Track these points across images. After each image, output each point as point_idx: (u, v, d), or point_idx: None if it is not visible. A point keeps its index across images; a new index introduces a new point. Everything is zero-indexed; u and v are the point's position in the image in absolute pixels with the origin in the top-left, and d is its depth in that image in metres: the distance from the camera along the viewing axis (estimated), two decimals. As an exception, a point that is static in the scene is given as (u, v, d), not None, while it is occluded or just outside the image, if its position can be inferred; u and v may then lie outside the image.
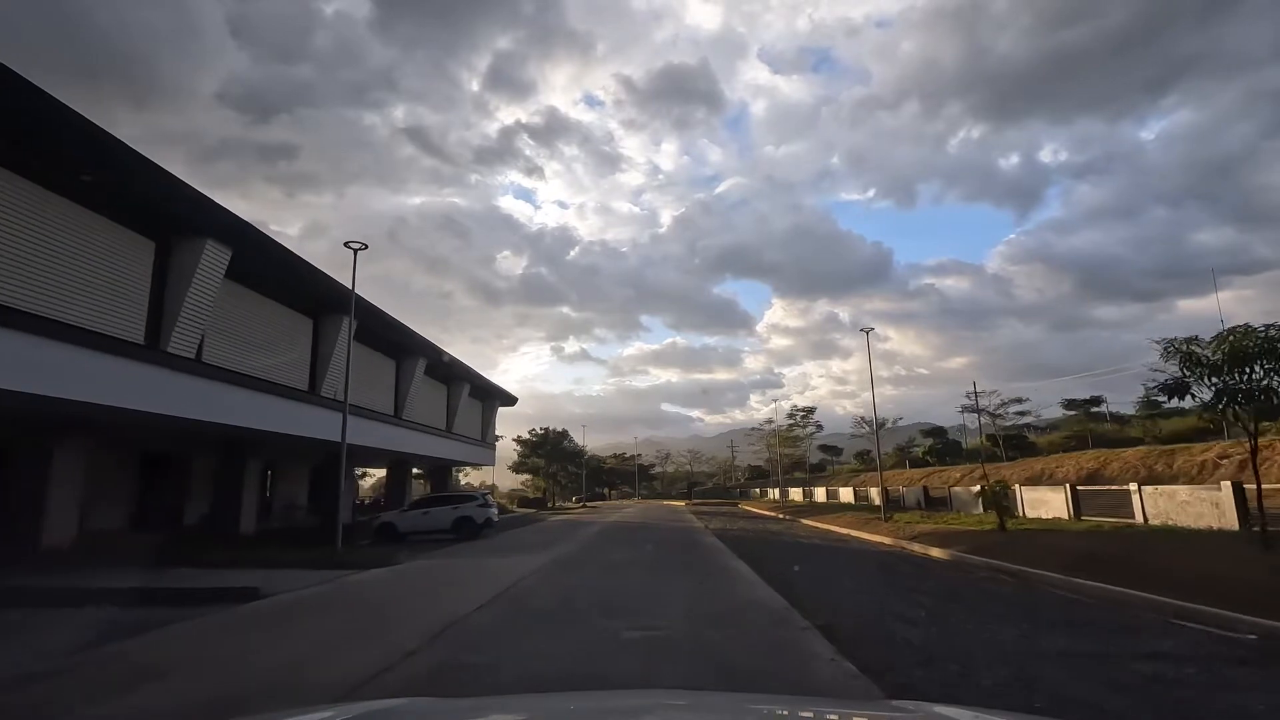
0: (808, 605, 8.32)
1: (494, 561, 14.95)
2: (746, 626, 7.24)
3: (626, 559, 14.52)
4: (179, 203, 13.92)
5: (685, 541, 19.74)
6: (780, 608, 8.28)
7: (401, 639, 6.67)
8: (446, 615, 7.96)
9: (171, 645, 6.89)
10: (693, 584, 10.57)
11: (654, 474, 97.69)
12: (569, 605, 8.69)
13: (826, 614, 7.78)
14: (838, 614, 7.87)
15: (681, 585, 10.42)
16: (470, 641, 6.61)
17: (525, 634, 6.97)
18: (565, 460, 67.15)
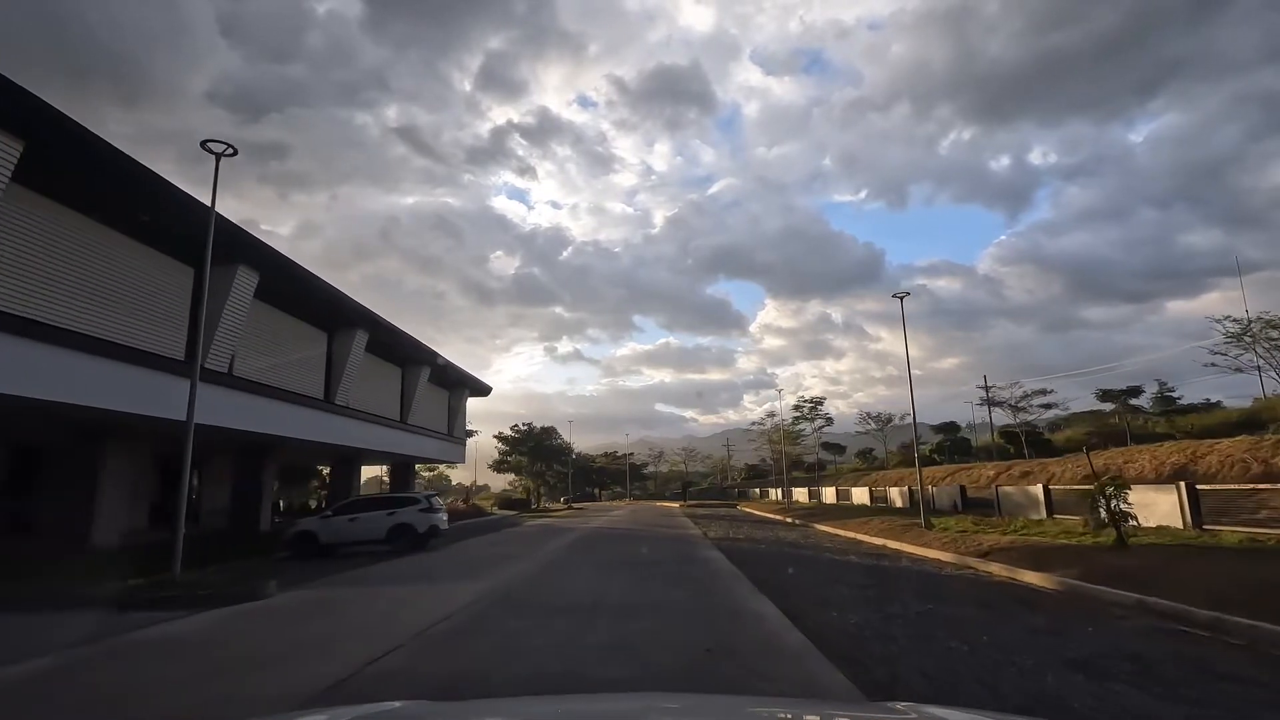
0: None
1: (407, 593, 10.39)
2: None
3: (593, 591, 9.94)
4: (216, 234, 13.01)
5: (680, 556, 15.24)
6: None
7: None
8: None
9: None
10: (694, 654, 6.01)
11: (647, 474, 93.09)
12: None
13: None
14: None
15: (674, 656, 5.89)
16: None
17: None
18: (550, 458, 62.45)
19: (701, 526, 26.33)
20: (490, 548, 18.68)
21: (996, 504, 21.87)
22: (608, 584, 10.79)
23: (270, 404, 19.29)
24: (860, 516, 25.66)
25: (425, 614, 8.25)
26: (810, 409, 38.72)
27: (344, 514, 17.95)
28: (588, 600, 9.03)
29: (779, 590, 9.76)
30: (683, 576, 11.55)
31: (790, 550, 16.59)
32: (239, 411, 17.81)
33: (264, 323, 19.54)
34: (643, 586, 10.43)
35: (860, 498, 36.85)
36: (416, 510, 18.03)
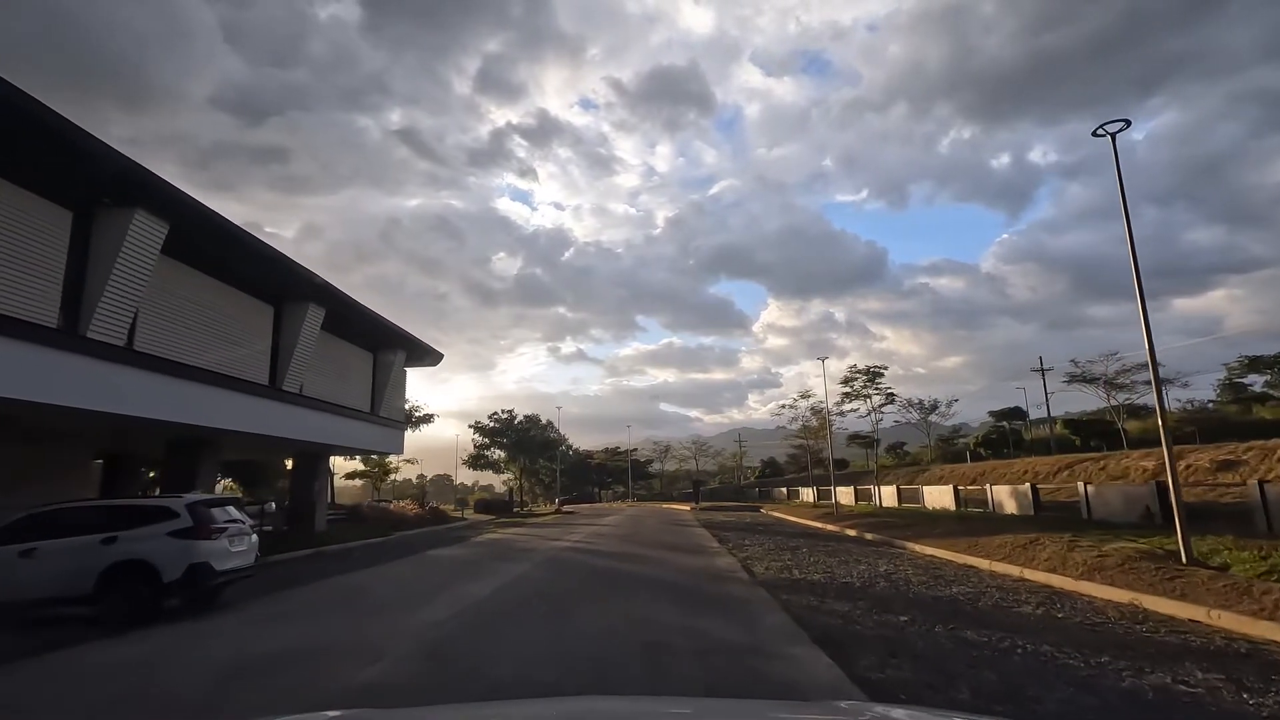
0: None
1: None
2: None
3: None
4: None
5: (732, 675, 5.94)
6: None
7: None
8: None
9: None
10: None
11: (652, 472, 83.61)
12: None
13: None
14: None
15: None
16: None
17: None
18: (536, 452, 53.13)
19: (730, 546, 17.01)
20: (345, 599, 9.45)
21: (1267, 512, 12.46)
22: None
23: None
24: (969, 532, 16.39)
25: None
26: (865, 382, 29.13)
27: (13, 540, 8.73)
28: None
29: None
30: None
31: (989, 634, 7.24)
32: None
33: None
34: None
35: (938, 499, 27.44)
36: (166, 534, 8.79)
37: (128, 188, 12.20)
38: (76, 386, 11.50)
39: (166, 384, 13.70)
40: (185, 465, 17.28)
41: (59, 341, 11.33)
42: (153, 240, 12.90)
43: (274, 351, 18.27)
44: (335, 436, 20.97)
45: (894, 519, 23.75)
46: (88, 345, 11.89)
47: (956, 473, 36.07)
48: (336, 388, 21.72)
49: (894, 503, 31.82)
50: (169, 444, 17.33)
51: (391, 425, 25.83)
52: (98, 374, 11.97)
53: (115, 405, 12.30)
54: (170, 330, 14.49)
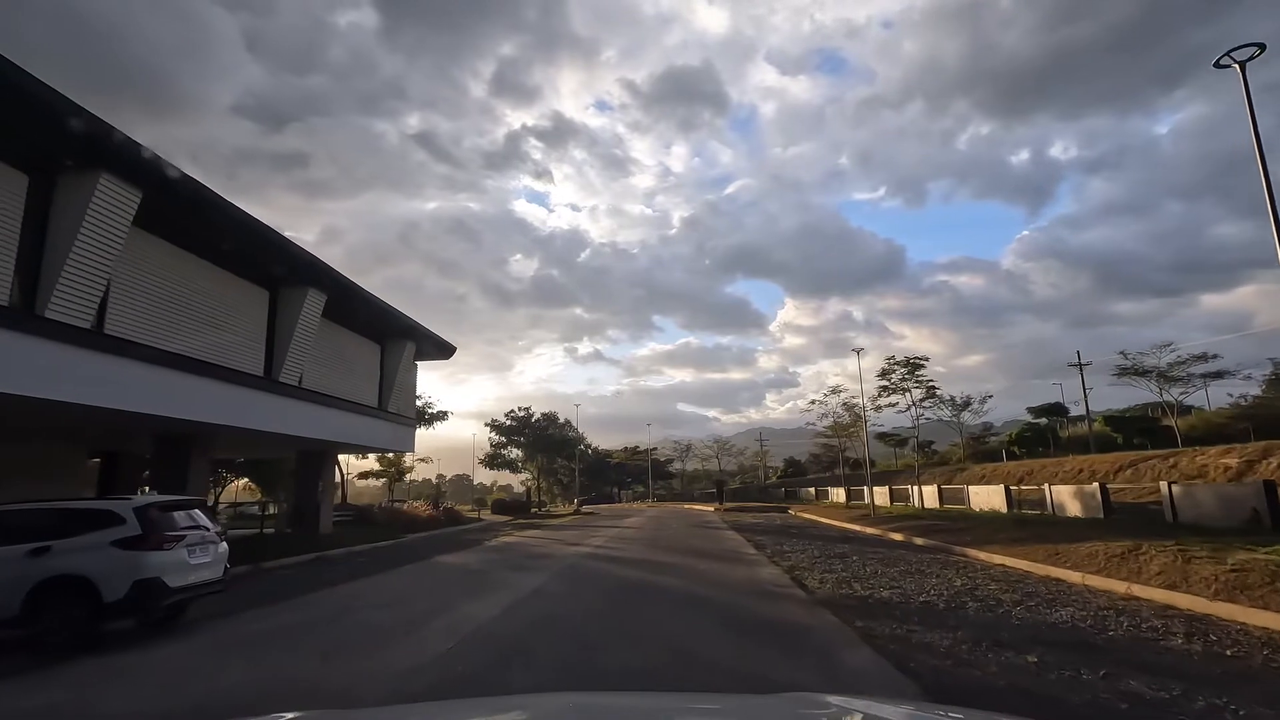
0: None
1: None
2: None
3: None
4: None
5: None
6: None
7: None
8: None
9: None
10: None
11: (672, 471, 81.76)
12: None
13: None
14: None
15: None
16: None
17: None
18: (554, 451, 51.53)
19: (770, 553, 15.24)
20: (306, 624, 7.85)
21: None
22: None
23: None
24: (1039, 538, 14.54)
25: None
26: (905, 374, 27.15)
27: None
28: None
29: None
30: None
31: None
32: None
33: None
34: None
35: (985, 500, 25.42)
36: (109, 544, 7.26)
37: (92, 148, 10.77)
38: (29, 372, 10.07)
39: (142, 371, 12.26)
40: (175, 463, 15.89)
41: (9, 320, 9.92)
42: (121, 209, 11.44)
43: (269, 340, 16.82)
44: (338, 433, 19.51)
45: (940, 521, 21.81)
46: (45, 326, 10.47)
47: (1000, 472, 33.93)
48: (340, 381, 20.28)
49: (935, 503, 29.79)
50: (157, 440, 15.96)
51: (401, 422, 24.38)
52: (56, 358, 10.54)
53: (77, 394, 10.85)
54: (148, 314, 13.04)
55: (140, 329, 12.70)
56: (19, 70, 9.38)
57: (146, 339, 12.70)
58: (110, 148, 10.90)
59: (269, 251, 15.33)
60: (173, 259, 13.76)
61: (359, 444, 22.02)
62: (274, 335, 16.94)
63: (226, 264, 15.09)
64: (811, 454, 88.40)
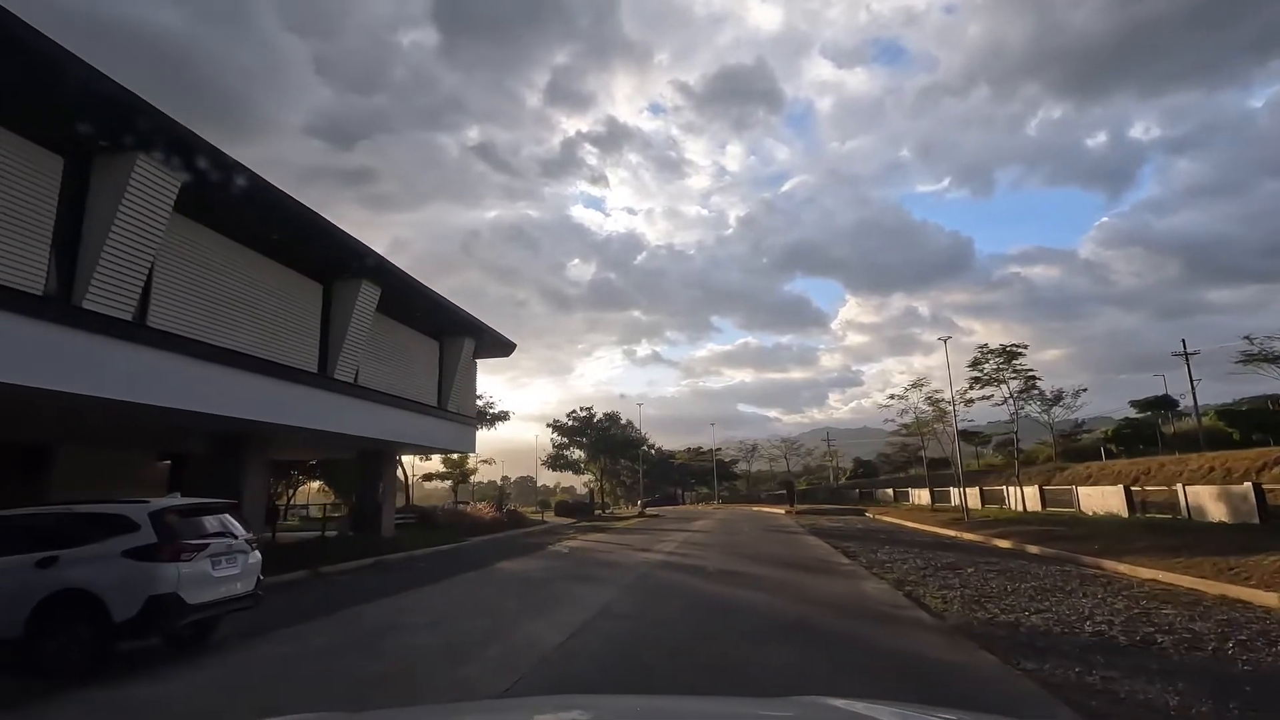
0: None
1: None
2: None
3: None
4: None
5: None
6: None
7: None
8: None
9: None
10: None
11: (737, 472, 79.56)
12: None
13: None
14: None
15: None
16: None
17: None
18: (617, 451, 50.44)
19: (865, 563, 13.45)
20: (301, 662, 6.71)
21: None
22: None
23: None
24: (1189, 548, 12.34)
25: None
26: (1000, 364, 24.55)
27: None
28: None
29: None
30: None
31: None
32: None
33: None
34: None
35: (1099, 503, 22.72)
36: (120, 554, 6.30)
37: (128, 128, 10.09)
38: (63, 365, 9.41)
39: (187, 367, 11.57)
40: (230, 464, 15.35)
41: (42, 310, 9.29)
42: (161, 193, 10.76)
43: (323, 335, 16.16)
44: (396, 432, 18.76)
45: (1051, 526, 19.41)
46: (82, 317, 9.83)
47: (1108, 471, 30.70)
48: (397, 379, 19.56)
49: (1036, 506, 27.06)
50: (212, 440, 15.48)
51: (461, 421, 23.61)
52: (93, 351, 9.88)
53: (115, 390, 10.18)
54: (195, 307, 12.41)
55: (186, 322, 12.06)
56: (49, 41, 8.69)
57: (193, 333, 12.05)
58: (148, 128, 10.19)
59: (320, 241, 14.59)
60: (220, 249, 13.15)
61: (417, 444, 21.30)
62: (328, 330, 16.27)
63: (277, 255, 14.44)
64: (882, 454, 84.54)
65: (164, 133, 10.46)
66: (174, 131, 10.56)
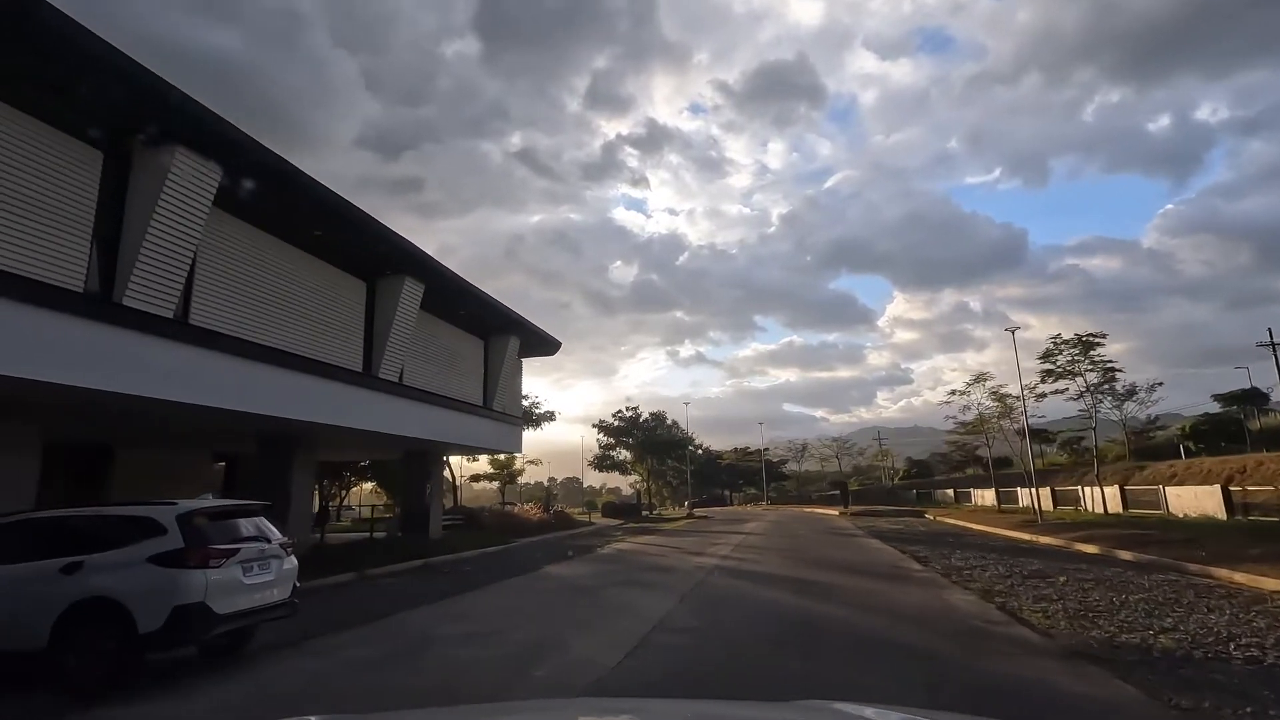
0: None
1: None
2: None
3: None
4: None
5: None
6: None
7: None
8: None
9: None
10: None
11: (786, 472, 77.83)
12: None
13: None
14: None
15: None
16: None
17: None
18: (664, 452, 49.68)
19: (940, 569, 12.36)
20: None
21: None
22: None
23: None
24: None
25: None
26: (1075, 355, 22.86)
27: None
28: None
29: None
30: None
31: None
32: None
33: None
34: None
35: (1190, 504, 20.93)
36: (146, 559, 5.87)
37: (166, 120, 9.85)
38: (103, 363, 9.19)
39: (230, 365, 11.32)
40: (276, 465, 15.20)
41: (82, 308, 9.09)
42: (200, 187, 10.50)
43: (367, 333, 15.89)
44: (442, 432, 18.42)
45: (1140, 530, 17.84)
46: (122, 314, 9.62)
47: (1196, 470, 28.49)
48: (442, 378, 19.24)
49: (1117, 508, 25.22)
50: (259, 441, 15.35)
51: (507, 421, 23.23)
52: (134, 349, 9.66)
53: (157, 389, 9.95)
54: (237, 304, 12.18)
55: (228, 320, 11.83)
56: (86, 32, 8.45)
57: (235, 331, 11.82)
58: (186, 119, 9.94)
59: (362, 237, 14.27)
60: (262, 245, 12.92)
61: (462, 443, 20.95)
62: (372, 328, 16.00)
63: (319, 251, 14.18)
64: (937, 453, 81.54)
65: (203, 125, 10.19)
66: (213, 124, 10.28)
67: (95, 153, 9.73)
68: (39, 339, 8.45)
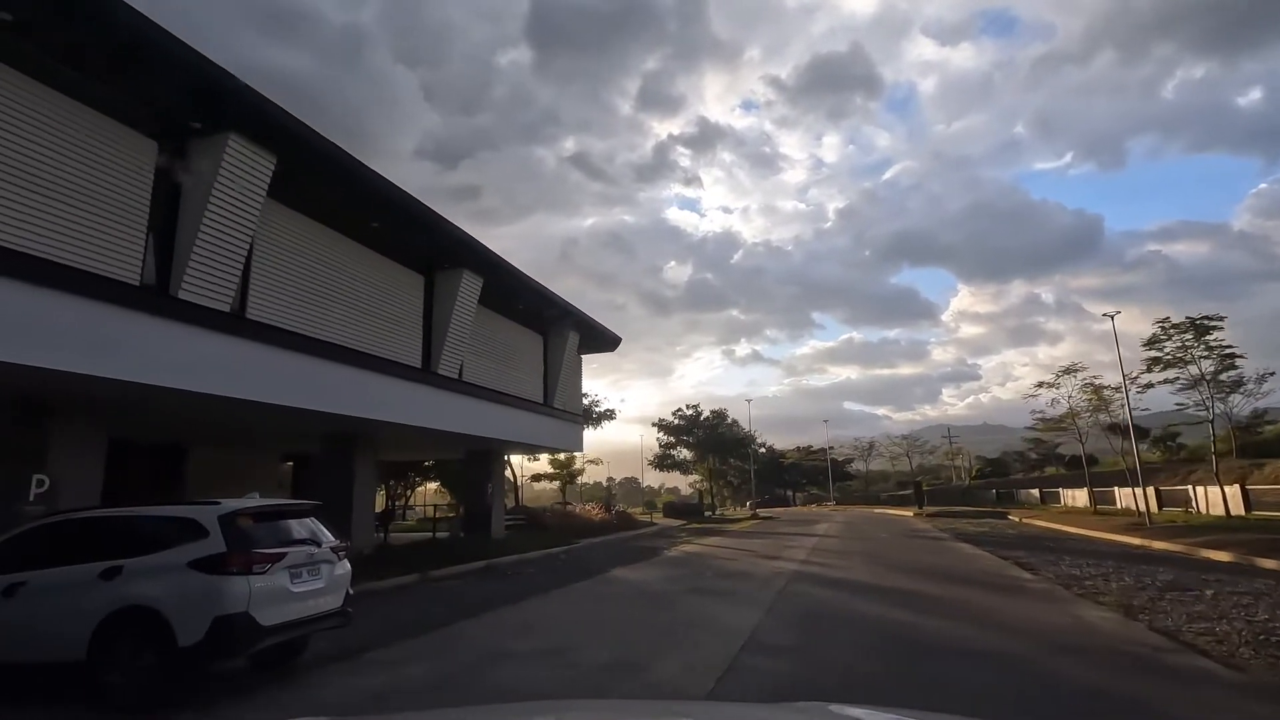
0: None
1: None
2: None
3: None
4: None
5: None
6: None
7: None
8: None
9: None
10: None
11: (851, 471, 75.21)
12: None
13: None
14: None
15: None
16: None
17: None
18: (725, 450, 48.41)
19: (1058, 579, 10.94)
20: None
21: None
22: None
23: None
24: None
25: None
26: (1185, 343, 20.61)
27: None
28: None
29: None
30: None
31: None
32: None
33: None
34: None
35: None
36: (186, 564, 5.31)
37: (219, 106, 9.52)
38: (158, 359, 8.88)
39: (288, 361, 10.97)
40: (340, 465, 14.96)
41: (138, 301, 8.79)
42: (255, 175, 10.15)
43: (426, 329, 15.49)
44: (502, 430, 17.92)
45: (1273, 534, 15.76)
46: (178, 308, 9.32)
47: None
48: (501, 374, 18.75)
49: (1238, 509, 22.74)
50: (322, 440, 15.13)
51: (568, 419, 22.64)
52: (190, 344, 9.34)
53: (214, 385, 9.62)
54: (294, 298, 11.85)
55: (286, 315, 11.51)
56: (139, 16, 8.11)
57: (293, 325, 11.49)
58: (239, 105, 9.59)
59: (419, 228, 13.83)
60: (319, 238, 12.59)
61: (524, 442, 20.44)
62: (430, 324, 15.58)
63: (376, 244, 13.81)
64: (1012, 450, 77.33)
65: (258, 113, 9.83)
66: (268, 111, 9.92)
67: (149, 142, 9.47)
68: (97, 334, 8.17)
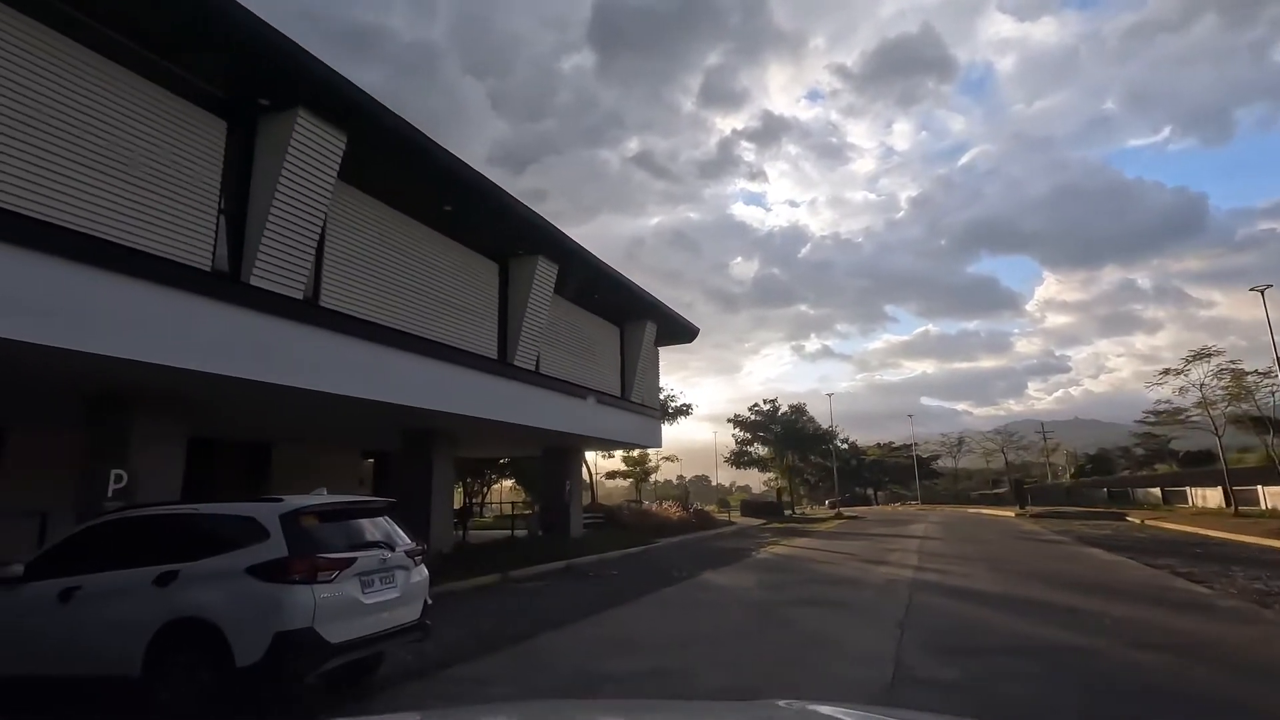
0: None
1: None
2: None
3: None
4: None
5: None
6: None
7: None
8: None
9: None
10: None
11: (937, 469, 71.28)
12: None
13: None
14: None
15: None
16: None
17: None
18: (806, 446, 46.38)
19: (1257, 600, 9.10)
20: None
21: None
22: None
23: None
24: None
25: None
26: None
27: (57, 571, 5.19)
28: None
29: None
30: None
31: None
32: None
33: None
34: None
35: None
36: (243, 570, 4.58)
37: (287, 81, 9.00)
38: (232, 347, 8.42)
39: (362, 352, 10.44)
40: (419, 461, 14.49)
41: (208, 287, 8.35)
42: (325, 154, 9.62)
43: (501, 319, 14.84)
44: (581, 425, 17.13)
45: None
46: (251, 295, 8.86)
47: None
48: (578, 367, 17.99)
49: None
50: (400, 435, 14.71)
51: (647, 414, 21.70)
52: (262, 333, 8.86)
53: (288, 376, 9.11)
54: (367, 286, 11.33)
55: (360, 303, 11.00)
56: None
57: (366, 314, 10.97)
58: (307, 79, 9.04)
59: (494, 212, 13.13)
60: (391, 223, 12.06)
61: (604, 438, 19.61)
62: (505, 313, 14.93)
63: (449, 229, 13.22)
64: (1117, 446, 71.42)
65: (326, 86, 9.26)
66: (336, 85, 9.34)
67: (219, 121, 9.06)
68: (167, 322, 7.74)
